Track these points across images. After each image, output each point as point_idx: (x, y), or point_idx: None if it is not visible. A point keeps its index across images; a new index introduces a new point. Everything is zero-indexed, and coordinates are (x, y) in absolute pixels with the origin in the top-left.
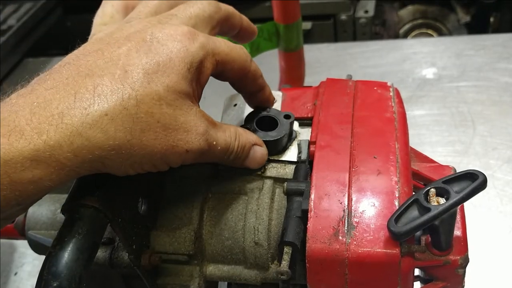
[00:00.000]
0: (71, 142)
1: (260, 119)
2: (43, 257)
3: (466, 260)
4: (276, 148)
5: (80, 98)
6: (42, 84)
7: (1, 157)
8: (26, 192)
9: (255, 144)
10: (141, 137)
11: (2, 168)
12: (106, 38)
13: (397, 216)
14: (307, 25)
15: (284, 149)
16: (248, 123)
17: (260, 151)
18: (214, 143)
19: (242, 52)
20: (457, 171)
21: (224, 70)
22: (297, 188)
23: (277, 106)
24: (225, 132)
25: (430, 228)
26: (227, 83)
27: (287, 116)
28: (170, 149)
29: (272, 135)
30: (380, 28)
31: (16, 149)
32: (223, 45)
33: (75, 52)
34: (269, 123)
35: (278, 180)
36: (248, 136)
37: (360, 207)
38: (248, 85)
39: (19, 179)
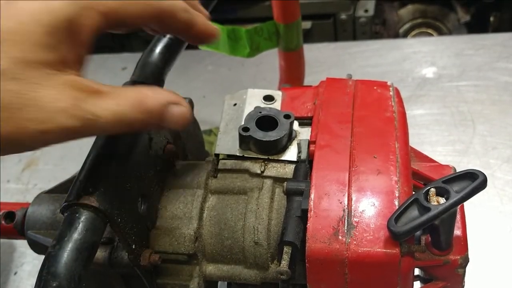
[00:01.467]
0: None
1: (260, 119)
2: (42, 257)
3: (466, 260)
4: (276, 148)
5: None
6: None
7: None
8: None
9: (169, 102)
10: None
11: None
12: None
13: (397, 216)
14: (307, 24)
15: (284, 148)
16: (247, 123)
17: (178, 110)
18: (91, 117)
19: None
20: (457, 171)
21: (123, 19)
22: (297, 187)
23: (277, 105)
24: (116, 99)
25: (430, 227)
26: (226, 83)
27: (287, 116)
28: (17, 133)
29: (272, 135)
30: (380, 28)
31: None
32: None
33: None
34: (269, 123)
35: (278, 180)
36: (157, 96)
37: (360, 206)
38: (169, 27)
39: None
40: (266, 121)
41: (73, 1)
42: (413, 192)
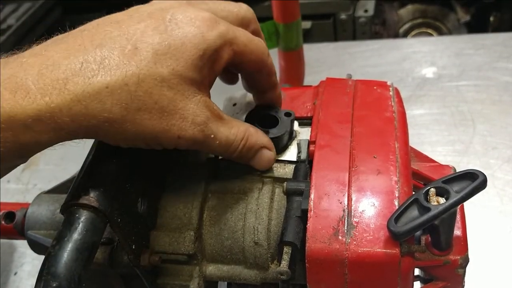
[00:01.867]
0: (70, 108)
1: (261, 117)
2: (42, 257)
3: (466, 260)
4: (277, 146)
5: (86, 67)
6: (55, 46)
7: (6, 112)
8: (27, 146)
9: (264, 147)
10: (136, 115)
11: (6, 122)
12: (131, 11)
13: (397, 216)
14: (306, 24)
15: (284, 147)
16: (248, 121)
17: (268, 155)
18: (212, 136)
19: (261, 45)
20: (457, 171)
21: (241, 62)
22: (297, 187)
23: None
24: (231, 129)
25: (430, 228)
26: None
27: (287, 114)
28: (162, 132)
29: (273, 132)
30: (380, 28)
31: (21, 106)
32: (243, 35)
33: (99, 19)
34: (270, 121)
35: (277, 180)
36: (259, 138)
37: (360, 206)
38: (261, 80)
39: (22, 134)
40: (267, 119)
41: (221, 35)
42: (413, 192)
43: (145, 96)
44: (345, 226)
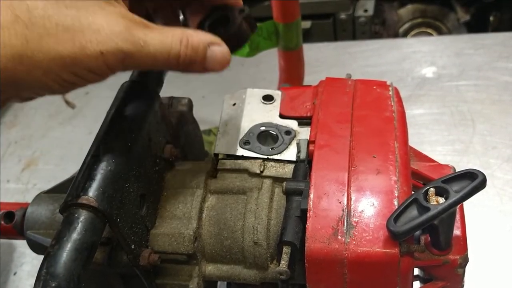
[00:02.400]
0: None
1: (212, 23)
2: (42, 257)
3: (465, 260)
4: (238, 43)
5: None
6: None
7: None
8: None
9: (211, 43)
10: (40, 42)
11: None
12: None
13: (396, 216)
14: (306, 24)
15: (242, 43)
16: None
17: (220, 50)
18: (142, 43)
19: None
20: (457, 171)
21: None
22: (296, 187)
23: (276, 105)
24: (163, 33)
25: (430, 227)
26: (225, 83)
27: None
28: (79, 52)
29: (221, 31)
30: (379, 27)
31: None
32: None
33: None
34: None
35: (277, 180)
36: (201, 36)
37: (359, 206)
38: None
39: None
40: (219, 24)
41: None
42: (413, 192)
43: (42, 20)
44: (345, 226)
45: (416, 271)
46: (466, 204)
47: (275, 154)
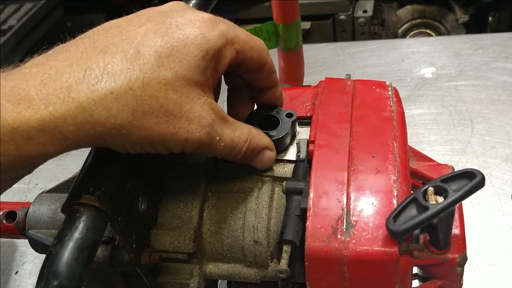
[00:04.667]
0: (75, 116)
1: (262, 118)
2: (43, 256)
3: (464, 259)
4: (278, 147)
5: (89, 74)
6: (57, 55)
7: (9, 124)
8: (31, 158)
9: (266, 147)
10: (143, 119)
11: (9, 134)
12: (131, 16)
13: (396, 215)
14: (306, 25)
15: (286, 147)
16: (249, 121)
17: (269, 155)
18: (217, 138)
19: (260, 43)
20: (455, 170)
21: (243, 60)
22: (296, 187)
23: None
24: (235, 131)
25: (429, 226)
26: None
27: (289, 115)
28: (169, 135)
29: (274, 134)
30: (379, 28)
31: (24, 117)
32: (242, 33)
33: (99, 26)
34: (271, 122)
35: (277, 179)
36: (261, 139)
37: (358, 205)
38: (262, 79)
39: (25, 146)
40: (268, 120)
41: (222, 35)
42: (412, 191)
43: (151, 100)
44: (344, 224)
45: (415, 270)
46: (465, 203)
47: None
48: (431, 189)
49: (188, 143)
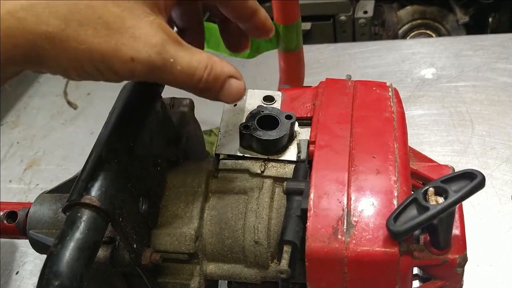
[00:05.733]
0: (3, 21)
1: (262, 118)
2: (44, 256)
3: (464, 259)
4: (275, 147)
5: None
6: None
7: None
8: None
9: (231, 76)
10: (78, 29)
11: None
12: None
13: (396, 215)
14: (306, 25)
15: (284, 148)
16: (248, 121)
17: (237, 84)
18: (172, 60)
19: None
20: (456, 171)
21: None
22: (297, 187)
23: (276, 106)
24: (193, 55)
25: (429, 227)
26: None
27: (288, 117)
28: (111, 52)
29: (272, 134)
30: (379, 29)
31: None
32: None
33: None
34: (270, 122)
35: (277, 180)
36: (224, 66)
37: (359, 206)
38: (238, 7)
39: None
40: (267, 121)
41: None
42: (412, 192)
43: (86, 9)
44: (345, 225)
45: (416, 270)
46: (465, 204)
47: (275, 155)
48: (431, 189)
49: (135, 64)
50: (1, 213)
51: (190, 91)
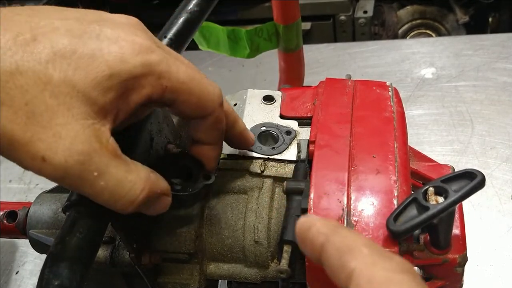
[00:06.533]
0: None
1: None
2: (44, 256)
3: (464, 259)
4: (183, 204)
5: None
6: None
7: None
8: None
9: (164, 194)
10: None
11: None
12: (77, 11)
13: (396, 215)
14: (306, 25)
15: (189, 205)
16: (157, 164)
17: (167, 202)
18: (95, 174)
19: (208, 91)
20: (456, 170)
21: (173, 101)
22: (297, 187)
23: (276, 105)
24: (129, 173)
25: (429, 226)
26: (226, 84)
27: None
28: (22, 143)
29: (184, 188)
30: (379, 28)
31: None
32: (183, 73)
33: (43, 3)
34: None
35: (277, 179)
36: (160, 184)
37: (359, 206)
38: (202, 130)
39: None
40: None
41: (148, 64)
42: (412, 192)
43: (16, 91)
44: (345, 225)
45: (416, 270)
46: (465, 204)
47: (275, 154)
48: (431, 189)
49: (46, 165)
50: (1, 213)
51: (111, 208)
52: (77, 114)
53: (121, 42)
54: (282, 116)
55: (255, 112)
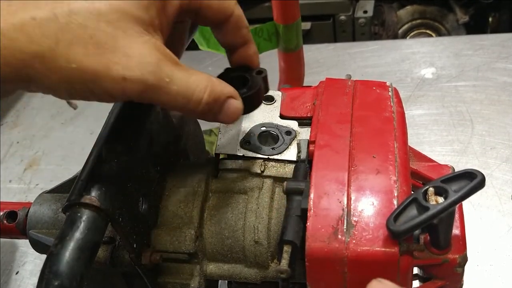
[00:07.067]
0: None
1: (230, 79)
2: (44, 256)
3: (464, 259)
4: (251, 106)
5: (12, 2)
6: None
7: None
8: None
9: (230, 96)
10: (68, 48)
11: None
12: None
13: (396, 215)
14: (306, 25)
15: (257, 105)
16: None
17: (235, 105)
18: (167, 80)
19: None
20: (456, 170)
21: (199, 7)
22: (297, 187)
23: (276, 106)
24: (191, 76)
25: (429, 227)
26: None
27: (259, 72)
28: (102, 71)
29: (243, 92)
30: (379, 28)
31: None
32: None
33: None
34: (240, 82)
35: (277, 179)
36: (224, 87)
37: (359, 206)
38: (229, 33)
39: None
40: (237, 81)
41: None
42: (412, 192)
43: (78, 29)
44: (345, 225)
45: (416, 270)
46: (465, 204)
47: (275, 154)
48: (431, 189)
49: (128, 83)
50: (1, 213)
51: (188, 113)
52: (133, 34)
53: None
54: (282, 116)
55: (255, 112)
